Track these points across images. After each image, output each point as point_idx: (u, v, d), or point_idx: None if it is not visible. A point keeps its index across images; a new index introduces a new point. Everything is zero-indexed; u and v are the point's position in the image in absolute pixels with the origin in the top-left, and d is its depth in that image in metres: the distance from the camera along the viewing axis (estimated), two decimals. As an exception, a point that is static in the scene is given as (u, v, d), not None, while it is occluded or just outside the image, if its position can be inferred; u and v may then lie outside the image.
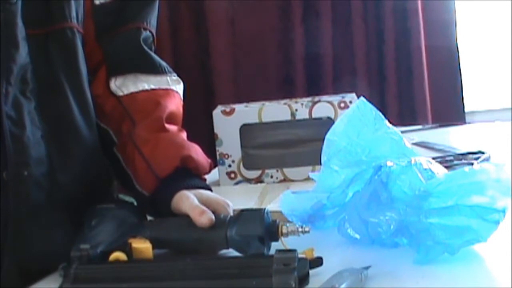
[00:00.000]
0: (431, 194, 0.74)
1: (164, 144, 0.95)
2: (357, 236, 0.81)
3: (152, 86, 1.00)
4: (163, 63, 1.03)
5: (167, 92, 1.01)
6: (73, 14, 0.90)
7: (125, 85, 1.00)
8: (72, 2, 0.90)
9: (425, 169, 0.77)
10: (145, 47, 1.02)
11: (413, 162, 0.77)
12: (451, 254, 0.73)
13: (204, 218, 0.81)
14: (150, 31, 1.04)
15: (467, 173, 0.73)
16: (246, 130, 1.26)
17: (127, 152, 0.96)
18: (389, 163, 0.78)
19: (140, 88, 1.00)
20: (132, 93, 0.99)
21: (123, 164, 0.96)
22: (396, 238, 0.78)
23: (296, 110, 1.24)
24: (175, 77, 1.04)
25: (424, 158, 0.79)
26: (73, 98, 0.90)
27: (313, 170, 1.19)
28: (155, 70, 1.02)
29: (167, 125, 0.97)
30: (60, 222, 0.87)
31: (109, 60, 1.00)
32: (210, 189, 0.92)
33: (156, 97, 1.00)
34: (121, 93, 0.99)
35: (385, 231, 0.77)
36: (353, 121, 0.83)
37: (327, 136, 0.84)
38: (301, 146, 1.27)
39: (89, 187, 0.92)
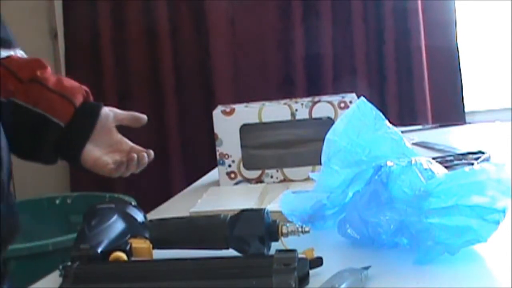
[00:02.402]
0: (431, 194, 0.73)
1: (66, 80, 1.01)
2: (357, 236, 0.81)
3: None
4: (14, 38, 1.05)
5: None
6: None
7: None
8: None
9: (425, 169, 0.76)
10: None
11: (413, 162, 0.77)
12: (451, 254, 0.73)
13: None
14: None
15: (467, 173, 0.73)
16: (246, 130, 1.26)
17: (31, 95, 0.97)
18: (389, 163, 0.78)
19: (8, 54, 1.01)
20: (9, 56, 1.00)
21: (31, 108, 0.97)
22: (396, 238, 0.78)
23: (296, 110, 1.24)
24: (23, 52, 1.05)
25: (424, 158, 0.79)
26: None
27: (313, 170, 1.19)
28: (7, 44, 1.02)
29: None
30: None
31: None
32: None
33: (31, 59, 1.03)
34: None
35: (385, 231, 0.77)
36: (353, 121, 0.83)
37: (327, 136, 0.84)
38: (301, 146, 1.26)
39: None
